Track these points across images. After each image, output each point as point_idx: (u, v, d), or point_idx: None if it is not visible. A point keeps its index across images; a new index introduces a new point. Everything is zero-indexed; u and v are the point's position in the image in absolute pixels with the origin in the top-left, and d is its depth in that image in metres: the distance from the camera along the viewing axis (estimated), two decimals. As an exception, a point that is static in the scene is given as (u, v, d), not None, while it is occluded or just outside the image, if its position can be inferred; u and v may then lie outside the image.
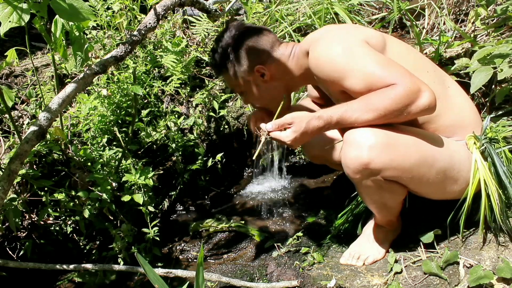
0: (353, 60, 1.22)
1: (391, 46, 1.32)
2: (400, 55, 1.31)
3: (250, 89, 1.47)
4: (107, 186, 1.67)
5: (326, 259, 1.52)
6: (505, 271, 1.22)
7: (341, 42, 1.27)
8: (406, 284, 1.32)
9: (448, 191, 1.35)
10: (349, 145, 1.23)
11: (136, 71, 1.93)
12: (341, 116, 1.22)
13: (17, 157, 1.12)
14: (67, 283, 1.72)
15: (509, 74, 1.46)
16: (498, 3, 2.01)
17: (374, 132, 1.19)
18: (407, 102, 1.15)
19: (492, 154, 1.34)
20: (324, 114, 1.24)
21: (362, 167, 1.20)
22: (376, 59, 1.21)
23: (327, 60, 1.26)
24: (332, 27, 1.55)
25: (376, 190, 1.27)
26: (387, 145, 1.19)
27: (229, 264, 1.68)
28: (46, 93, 2.21)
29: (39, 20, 1.36)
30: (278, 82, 1.45)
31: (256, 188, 2.27)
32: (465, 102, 1.40)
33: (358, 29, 1.38)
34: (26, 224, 1.72)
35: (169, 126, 2.17)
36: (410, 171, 1.23)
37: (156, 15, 1.36)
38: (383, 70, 1.19)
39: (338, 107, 1.24)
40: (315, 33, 1.42)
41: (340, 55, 1.24)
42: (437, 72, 1.40)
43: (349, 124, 1.23)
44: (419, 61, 1.37)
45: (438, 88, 1.31)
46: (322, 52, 1.28)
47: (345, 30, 1.39)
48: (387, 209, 1.40)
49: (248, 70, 1.42)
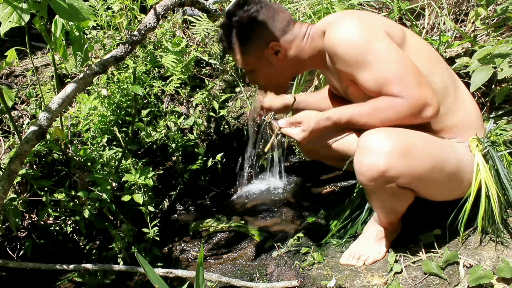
0: (371, 55, 1.21)
1: (410, 41, 1.31)
2: (417, 49, 1.31)
3: (261, 67, 1.41)
4: (107, 186, 1.67)
5: (326, 259, 1.52)
6: (505, 271, 1.22)
7: (362, 28, 1.23)
8: (406, 284, 1.32)
9: (452, 193, 1.37)
10: (364, 152, 1.21)
11: (136, 71, 1.94)
12: (350, 119, 1.27)
13: (17, 157, 1.12)
14: (67, 283, 1.72)
15: (509, 73, 1.46)
16: (498, 3, 2.01)
17: (389, 137, 1.19)
18: (412, 116, 1.20)
19: (494, 157, 1.36)
20: (333, 116, 1.28)
21: (379, 175, 1.19)
22: (393, 60, 1.20)
23: (345, 44, 1.23)
24: (352, 10, 1.50)
25: (389, 197, 1.28)
26: (403, 152, 1.18)
27: (229, 264, 1.68)
28: (46, 93, 2.21)
29: (39, 20, 1.36)
30: (290, 62, 1.41)
31: (256, 188, 2.27)
32: (472, 104, 1.41)
33: (379, 17, 1.35)
34: (26, 224, 1.72)
35: (169, 126, 2.17)
36: (423, 177, 1.22)
37: (156, 15, 1.37)
38: (397, 77, 1.19)
39: (348, 109, 1.27)
40: (333, 15, 1.39)
41: (360, 44, 1.22)
42: (450, 70, 1.40)
43: (356, 127, 1.27)
44: (435, 57, 1.37)
45: (451, 86, 1.33)
46: (341, 34, 1.25)
47: (366, 15, 1.35)
48: (393, 213, 1.40)
49: (263, 46, 1.36)
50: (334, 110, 1.30)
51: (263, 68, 1.41)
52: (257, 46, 1.36)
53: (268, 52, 1.37)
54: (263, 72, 1.43)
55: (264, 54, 1.37)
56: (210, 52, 2.49)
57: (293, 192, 2.20)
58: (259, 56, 1.38)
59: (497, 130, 1.55)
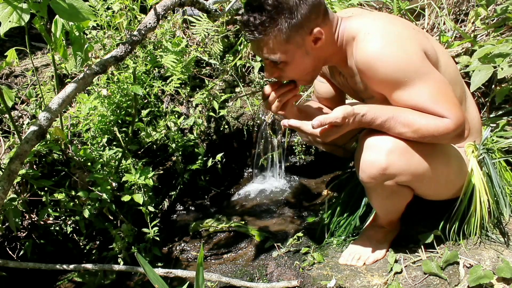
0: (411, 77, 1.14)
1: (441, 59, 1.26)
2: (446, 65, 1.28)
3: (297, 56, 1.21)
4: (107, 186, 1.67)
5: (326, 259, 1.52)
6: (505, 271, 1.23)
7: (401, 46, 1.15)
8: (406, 284, 1.32)
9: (449, 192, 1.39)
10: (366, 149, 1.22)
11: (136, 71, 1.93)
12: (384, 122, 1.17)
13: (17, 157, 1.12)
14: (67, 283, 1.72)
15: (509, 73, 1.46)
16: (498, 3, 2.01)
17: (391, 136, 1.19)
18: (452, 136, 1.16)
19: (489, 164, 1.42)
20: (368, 114, 1.17)
21: (380, 172, 1.20)
22: (433, 84, 1.15)
23: (383, 64, 1.14)
24: (380, 17, 1.27)
25: (388, 194, 1.28)
26: (404, 151, 1.19)
27: (229, 264, 1.68)
28: (46, 93, 2.21)
29: (39, 20, 1.35)
30: (323, 53, 1.25)
31: (256, 188, 2.27)
32: (475, 113, 1.43)
33: (414, 31, 1.23)
34: (26, 224, 1.72)
35: (169, 126, 2.17)
36: (423, 176, 1.24)
37: (156, 15, 1.36)
38: (436, 100, 1.14)
39: (385, 111, 1.17)
40: (362, 18, 1.24)
41: (399, 64, 1.14)
42: (462, 81, 1.40)
43: (386, 131, 1.19)
44: (455, 69, 1.35)
45: (463, 98, 1.35)
46: (377, 51, 1.14)
47: (401, 27, 1.21)
48: (393, 211, 1.42)
49: (307, 32, 1.17)
50: (370, 106, 1.18)
51: (298, 58, 1.22)
52: (302, 33, 1.17)
53: (308, 39, 1.19)
54: (297, 63, 1.23)
55: (306, 42, 1.19)
56: (210, 52, 2.49)
57: (293, 192, 2.20)
58: (300, 44, 1.19)
59: (494, 136, 1.59)
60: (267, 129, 2.26)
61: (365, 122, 1.18)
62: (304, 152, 2.30)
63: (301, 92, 2.23)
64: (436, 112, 1.15)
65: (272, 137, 2.26)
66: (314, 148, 2.29)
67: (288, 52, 1.19)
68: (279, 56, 1.20)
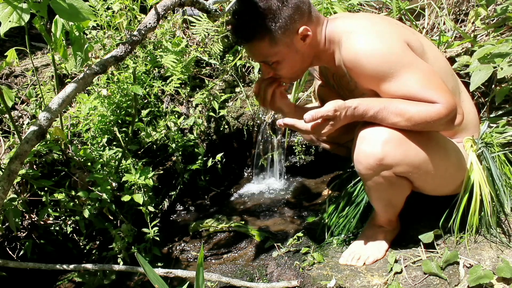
0: (396, 68, 1.17)
1: (427, 50, 1.28)
2: (434, 58, 1.29)
3: (288, 56, 1.27)
4: (107, 186, 1.67)
5: (326, 259, 1.52)
6: (505, 271, 1.22)
7: (384, 40, 1.19)
8: (406, 284, 1.32)
9: (447, 187, 1.40)
10: (361, 141, 1.23)
11: (136, 71, 1.93)
12: (376, 113, 1.19)
13: (17, 157, 1.12)
14: (67, 283, 1.72)
15: (509, 73, 1.46)
16: (498, 3, 2.01)
17: (387, 127, 1.20)
18: (445, 122, 1.17)
19: (488, 158, 1.41)
20: (360, 106, 1.19)
21: (376, 162, 1.21)
22: (419, 71, 1.18)
23: (368, 60, 1.18)
24: (364, 17, 1.36)
25: (386, 186, 1.28)
26: (401, 140, 1.20)
27: (229, 264, 1.68)
28: (46, 93, 2.21)
29: (39, 20, 1.36)
30: (312, 49, 1.30)
31: (256, 188, 2.27)
32: (471, 106, 1.44)
33: (397, 26, 1.29)
34: (26, 224, 1.72)
35: (169, 126, 2.17)
36: (420, 167, 1.24)
37: (156, 15, 1.36)
38: (424, 87, 1.16)
39: (376, 103, 1.20)
40: (347, 22, 1.28)
41: (383, 57, 1.17)
42: (455, 75, 1.41)
43: (379, 122, 1.21)
44: (446, 64, 1.37)
45: (457, 92, 1.36)
46: (361, 48, 1.19)
47: (383, 24, 1.26)
48: (392, 206, 1.41)
49: (293, 32, 1.23)
50: (360, 101, 1.20)
51: (290, 57, 1.28)
52: (288, 31, 1.22)
53: (296, 38, 1.25)
54: (289, 62, 1.30)
55: (293, 40, 1.25)
56: (210, 52, 2.49)
57: (293, 192, 2.20)
58: (289, 44, 1.25)
59: (493, 132, 1.58)
60: (267, 129, 2.26)
61: (357, 115, 1.20)
62: (304, 152, 2.30)
63: (301, 92, 2.23)
64: (426, 98, 1.16)
65: (272, 137, 2.26)
66: (314, 148, 2.29)
67: (278, 53, 1.26)
68: (270, 57, 1.28)
